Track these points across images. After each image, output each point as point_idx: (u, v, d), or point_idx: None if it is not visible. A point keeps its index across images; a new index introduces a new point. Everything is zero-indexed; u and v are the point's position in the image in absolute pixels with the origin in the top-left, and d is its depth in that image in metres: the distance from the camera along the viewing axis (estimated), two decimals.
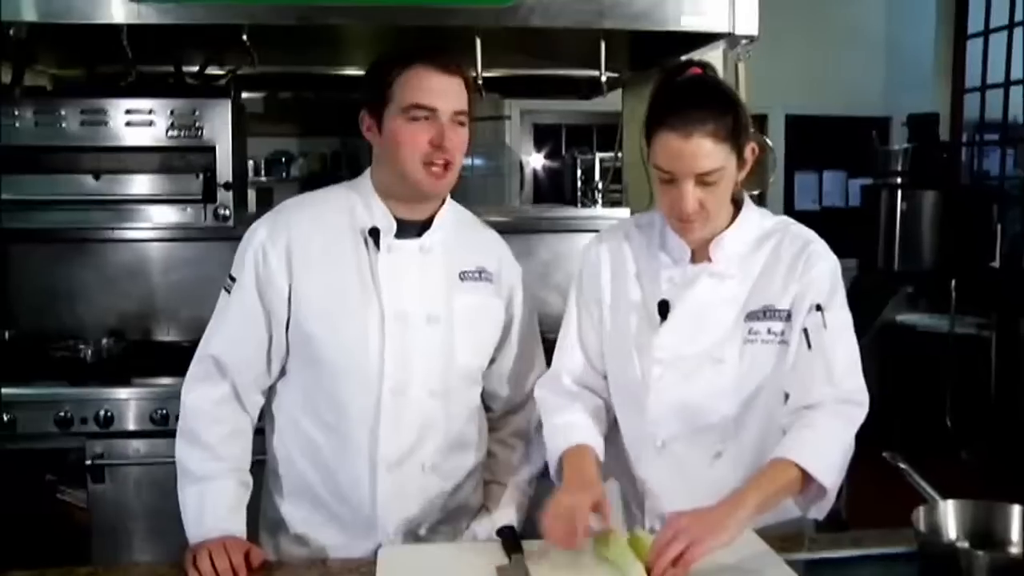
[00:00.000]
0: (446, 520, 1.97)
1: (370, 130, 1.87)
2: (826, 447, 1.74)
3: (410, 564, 1.73)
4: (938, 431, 5.75)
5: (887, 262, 6.42)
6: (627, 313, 1.90)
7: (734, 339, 1.83)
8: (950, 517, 1.75)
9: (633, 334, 1.89)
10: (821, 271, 1.82)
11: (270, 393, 1.93)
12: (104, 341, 3.32)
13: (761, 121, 7.50)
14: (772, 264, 1.85)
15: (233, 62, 3.39)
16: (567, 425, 1.91)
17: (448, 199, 1.96)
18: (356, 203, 1.90)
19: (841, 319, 1.82)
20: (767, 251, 1.86)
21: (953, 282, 5.72)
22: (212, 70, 3.45)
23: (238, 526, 1.80)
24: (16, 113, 3.07)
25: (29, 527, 2.93)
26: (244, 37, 2.90)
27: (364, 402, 1.85)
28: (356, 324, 1.84)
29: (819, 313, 1.80)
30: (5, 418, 2.91)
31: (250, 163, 3.73)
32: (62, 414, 2.92)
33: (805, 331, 1.79)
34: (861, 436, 1.82)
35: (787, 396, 1.83)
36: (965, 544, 1.73)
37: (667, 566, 1.58)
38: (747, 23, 2.94)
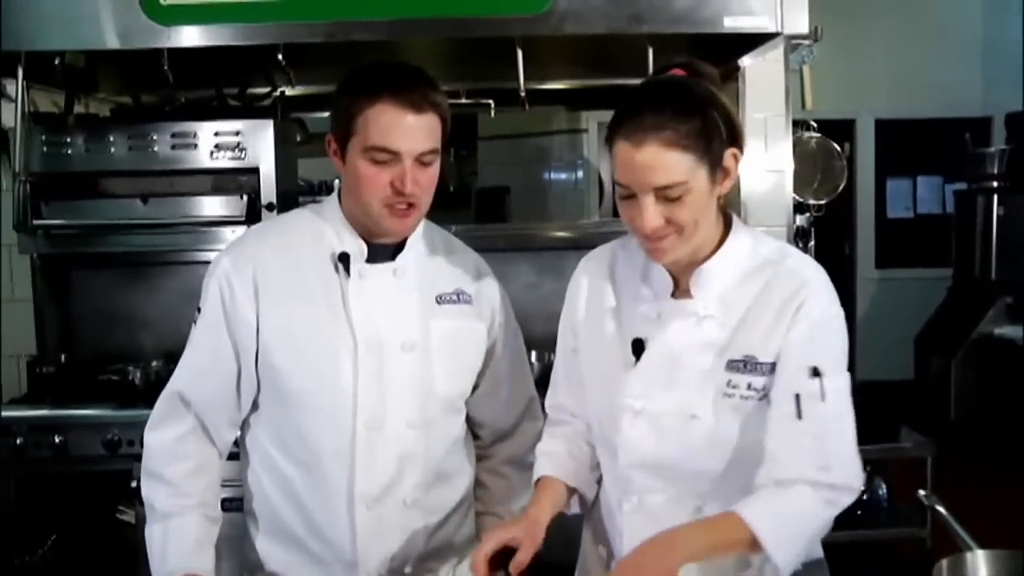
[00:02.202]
0: (433, 556, 1.82)
1: (336, 155, 1.73)
2: (792, 526, 1.50)
3: None
4: None
5: (984, 271, 5.99)
6: (601, 351, 1.70)
7: (709, 391, 1.58)
8: (980, 570, 1.51)
9: (606, 375, 1.68)
10: (817, 323, 1.55)
11: (243, 425, 1.82)
12: (154, 364, 3.31)
13: (848, 127, 7.15)
14: (760, 304, 1.57)
15: (274, 83, 3.35)
16: (541, 454, 1.76)
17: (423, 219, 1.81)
18: (324, 228, 1.77)
19: (841, 389, 1.54)
20: (757, 287, 1.59)
21: None
22: (255, 91, 3.42)
23: (203, 563, 1.69)
24: (68, 140, 3.08)
25: (90, 547, 2.94)
26: (280, 57, 2.86)
27: (337, 437, 1.72)
28: (326, 355, 1.72)
29: (817, 380, 1.52)
30: (56, 440, 2.93)
31: (310, 183, 3.65)
32: (110, 437, 2.92)
33: (797, 398, 1.52)
34: (956, 452, 1.57)
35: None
36: None
37: None
38: (796, 22, 2.72)
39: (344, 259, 1.74)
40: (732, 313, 1.60)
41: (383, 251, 1.77)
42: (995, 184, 6.02)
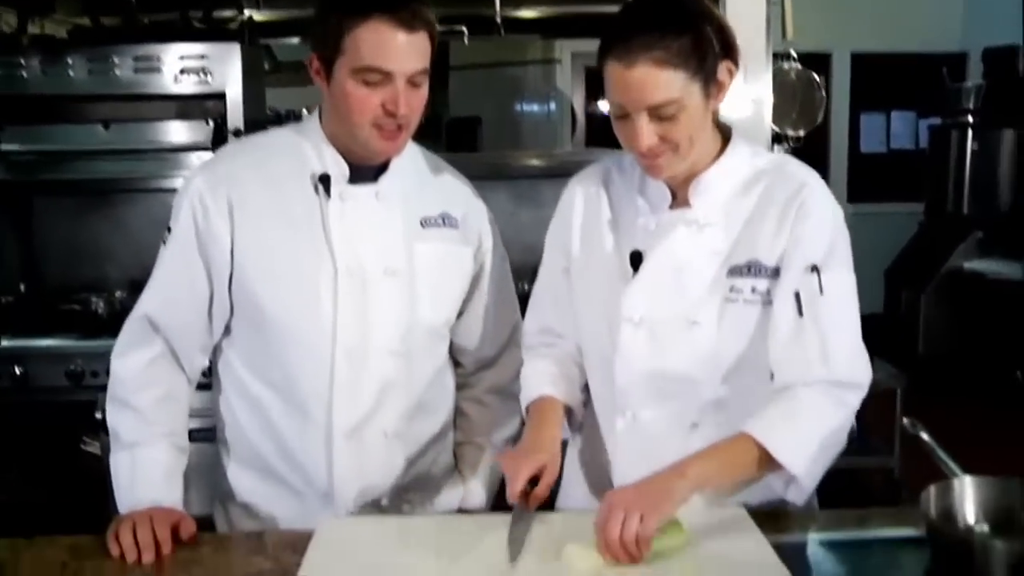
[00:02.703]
0: (411, 488, 1.78)
1: (319, 75, 1.64)
2: (802, 430, 1.47)
3: (350, 539, 1.54)
4: (1008, 383, 5.39)
5: (956, 206, 5.99)
6: (597, 266, 1.66)
7: (713, 298, 1.56)
8: (968, 497, 1.49)
9: (603, 290, 1.65)
10: (818, 222, 1.54)
11: (215, 351, 1.76)
12: (118, 294, 3.23)
13: (824, 61, 7.08)
14: (761, 210, 1.56)
15: (240, 6, 3.23)
16: (533, 374, 1.72)
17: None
18: (304, 147, 1.69)
19: (842, 283, 1.53)
20: (756, 194, 1.57)
21: None
22: (222, 14, 3.29)
23: (171, 495, 1.63)
24: (23, 62, 2.95)
25: (53, 479, 2.89)
26: None
27: (316, 366, 1.67)
28: (306, 281, 1.65)
29: (815, 275, 1.51)
30: (17, 371, 2.86)
31: (278, 113, 3.54)
32: (73, 367, 2.85)
33: (797, 296, 1.51)
34: (924, 386, 1.55)
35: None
36: (984, 527, 1.48)
37: (621, 547, 1.38)
38: None
39: (325, 180, 1.67)
40: (733, 222, 1.58)
41: (366, 172, 1.69)
42: (970, 119, 5.99)
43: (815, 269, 1.51)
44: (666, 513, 1.42)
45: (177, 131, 3.05)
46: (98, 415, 2.82)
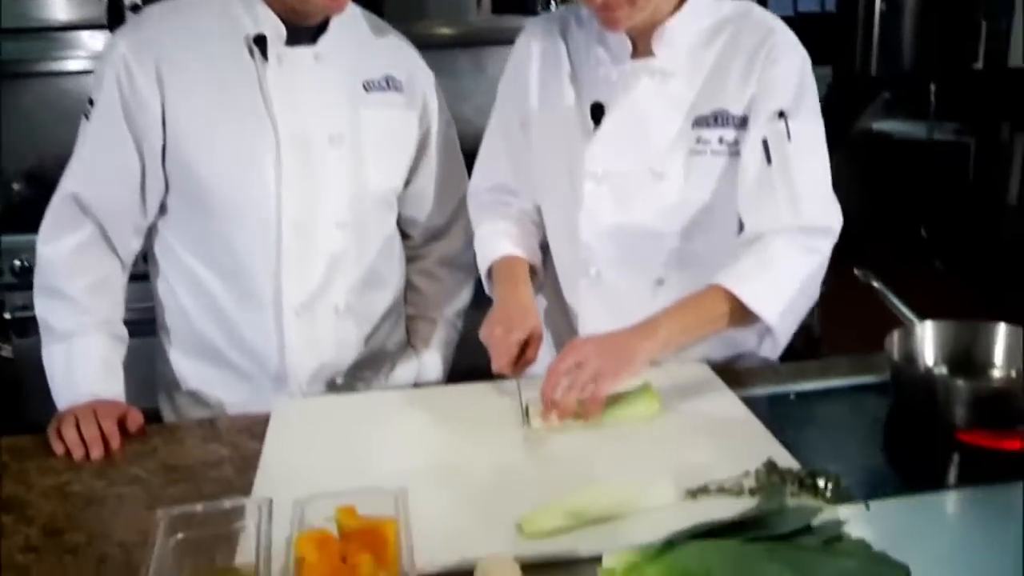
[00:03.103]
0: (365, 365, 1.73)
1: None
2: (774, 278, 1.44)
3: (308, 418, 1.48)
4: (913, 242, 5.56)
5: (864, 67, 6.03)
6: (557, 120, 1.60)
7: (678, 150, 1.52)
8: (927, 341, 1.52)
9: (563, 144, 1.59)
10: (786, 68, 1.48)
11: (151, 232, 1.65)
12: (15, 187, 3.02)
13: None
14: (727, 58, 1.50)
15: None
16: (494, 234, 1.66)
17: None
18: (234, 7, 1.55)
19: (809, 129, 1.49)
20: (721, 43, 1.51)
21: (933, 86, 5.38)
22: None
23: (112, 386, 1.54)
24: None
25: None
26: None
27: (261, 241, 1.58)
28: (246, 150, 1.54)
29: (782, 121, 1.46)
30: None
31: None
32: None
33: (765, 143, 1.47)
34: (837, 245, 1.53)
35: (741, 224, 1.54)
36: (943, 370, 1.50)
37: (572, 403, 1.37)
38: None
39: (260, 42, 1.54)
40: (698, 71, 1.52)
41: (303, 33, 1.56)
42: None
43: (783, 115, 1.47)
44: (626, 375, 1.39)
45: (65, 7, 2.81)
46: (7, 315, 2.69)
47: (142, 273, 1.72)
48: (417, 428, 1.43)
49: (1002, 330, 1.49)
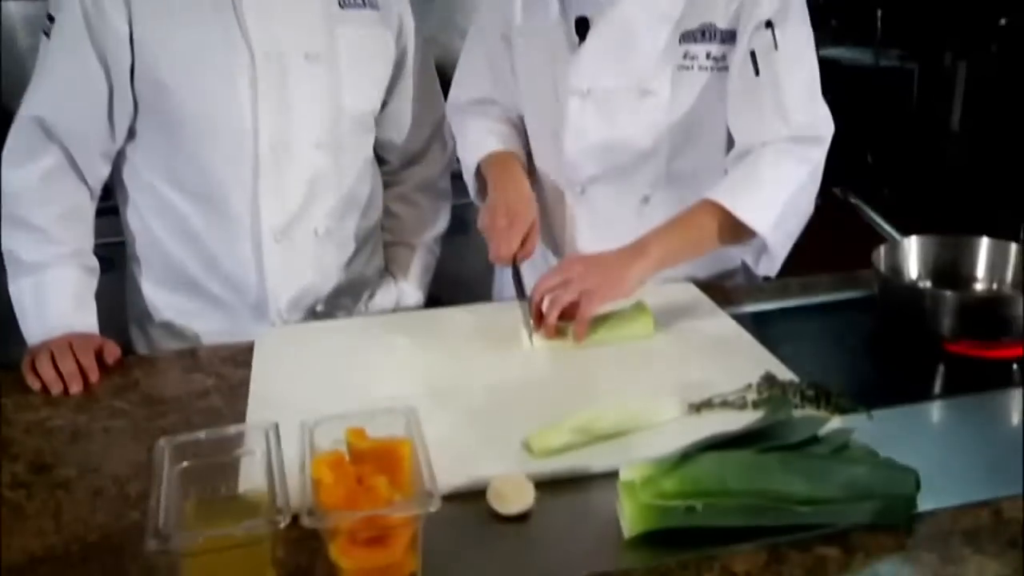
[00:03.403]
0: (345, 291, 1.70)
1: None
2: (767, 190, 1.43)
3: (295, 344, 1.45)
4: (860, 169, 5.63)
5: None
6: (541, 34, 1.56)
7: (665, 65, 1.49)
8: (912, 256, 1.53)
9: (548, 59, 1.55)
10: None
11: (118, 159, 1.58)
12: None
13: None
14: None
15: None
16: (481, 133, 1.63)
17: None
18: None
19: (797, 36, 1.45)
20: None
21: (879, 11, 5.40)
22: None
23: (85, 319, 1.48)
24: None
25: None
26: None
27: (237, 164, 1.52)
28: (219, 69, 1.48)
29: (769, 31, 1.45)
30: None
31: None
32: None
33: (752, 54, 1.45)
34: None
35: (730, 141, 1.52)
36: (928, 284, 1.52)
37: (554, 320, 1.36)
38: None
39: None
40: None
41: None
42: None
43: (769, 25, 1.44)
44: (615, 296, 1.39)
45: None
46: None
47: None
48: (411, 351, 1.41)
49: (985, 244, 1.50)
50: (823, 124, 1.47)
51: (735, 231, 1.43)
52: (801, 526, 0.98)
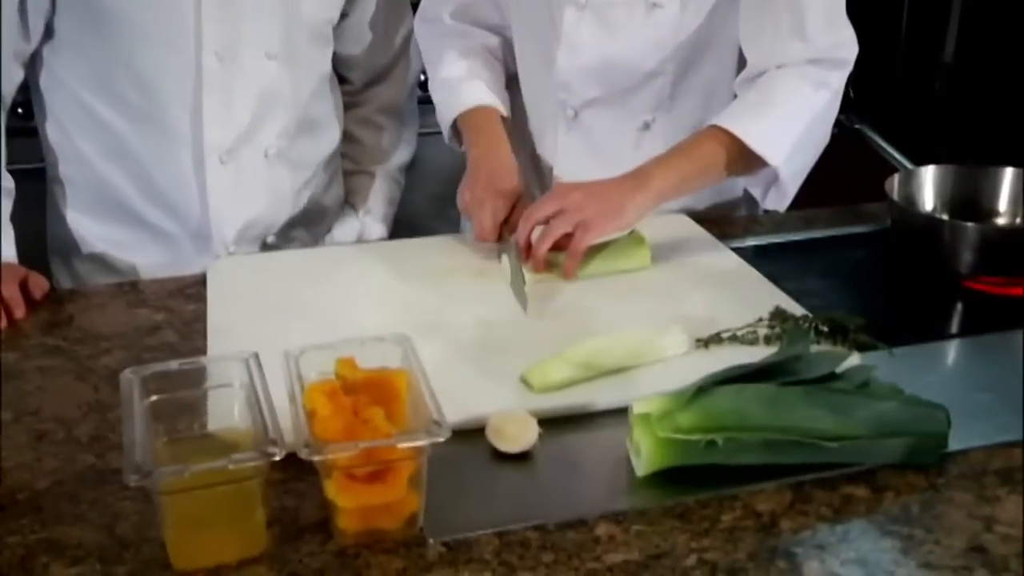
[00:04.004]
0: (300, 222, 1.72)
1: None
2: (778, 115, 1.46)
3: (255, 276, 1.47)
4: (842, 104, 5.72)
5: None
6: None
7: None
8: (928, 186, 1.58)
9: None
10: None
11: (36, 64, 1.56)
12: None
13: None
14: None
15: None
16: (461, 77, 1.63)
17: None
18: None
19: None
20: None
21: None
22: None
23: (3, 247, 1.47)
24: None
25: None
26: None
27: (178, 71, 1.52)
28: None
29: None
30: None
31: None
32: None
33: None
34: None
35: (742, 61, 1.54)
36: (944, 216, 1.58)
37: (544, 253, 1.39)
38: None
39: None
40: None
41: None
42: None
43: None
44: (614, 230, 1.42)
45: None
46: None
47: None
48: (386, 282, 1.44)
49: (1008, 175, 1.56)
50: (847, 46, 1.49)
51: (744, 161, 1.47)
52: (826, 464, 1.03)
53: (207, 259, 1.59)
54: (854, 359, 1.18)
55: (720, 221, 1.66)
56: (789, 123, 1.47)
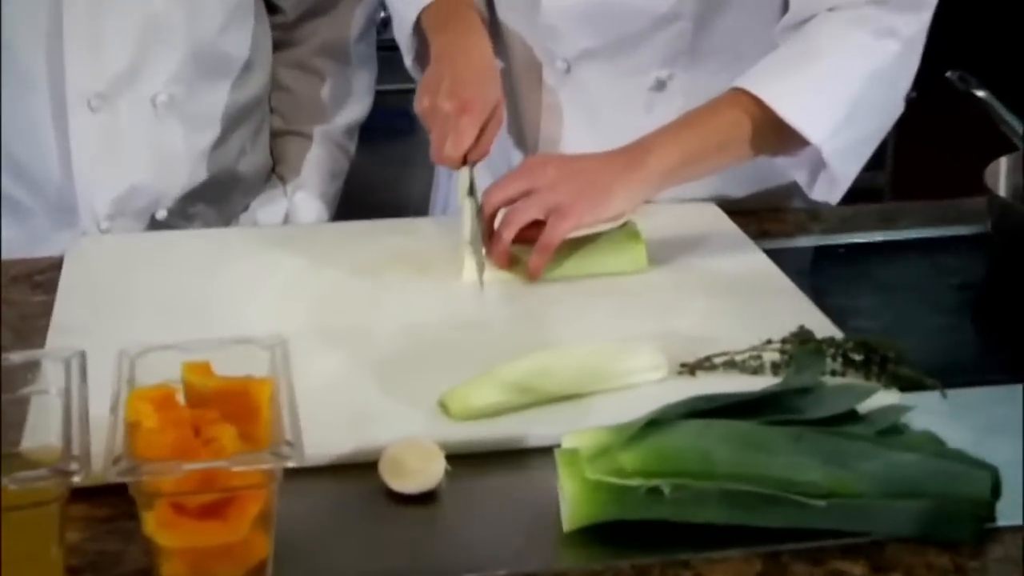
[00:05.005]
0: (201, 196, 1.80)
1: None
2: (819, 72, 1.49)
3: (123, 260, 1.56)
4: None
5: None
6: None
7: None
8: None
9: None
10: None
11: None
12: None
13: None
14: None
15: None
16: None
17: None
18: None
19: None
20: None
21: None
22: None
23: None
24: None
25: None
26: None
27: None
28: None
29: None
30: None
31: None
32: None
33: None
34: None
35: (785, 3, 1.59)
36: None
37: (507, 244, 1.47)
38: None
39: None
40: None
41: None
42: None
43: None
44: (596, 220, 1.49)
45: None
46: None
47: None
48: (298, 275, 1.55)
49: None
50: None
51: (777, 136, 1.51)
52: (813, 531, 1.06)
53: (72, 237, 1.68)
54: (889, 397, 1.23)
55: (763, 215, 1.73)
56: (837, 85, 1.50)
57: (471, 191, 1.56)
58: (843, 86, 1.51)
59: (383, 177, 2.14)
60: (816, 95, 1.50)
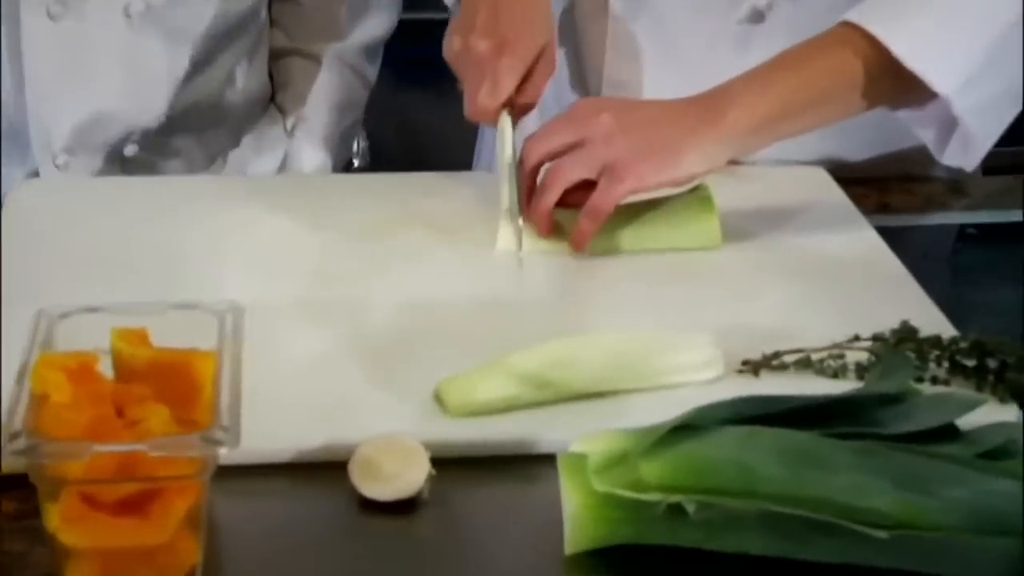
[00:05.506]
0: (184, 128, 1.88)
1: None
2: (954, 9, 1.51)
3: (72, 208, 1.63)
4: None
5: None
6: None
7: None
8: None
9: None
10: None
11: None
12: None
13: None
14: None
15: None
16: None
17: None
18: None
19: None
20: None
21: None
22: None
23: None
24: None
25: None
26: None
27: None
28: None
29: None
30: None
31: None
32: None
33: None
34: None
35: None
36: None
37: (549, 206, 1.52)
38: None
39: None
40: None
41: None
42: None
43: None
44: (661, 184, 1.53)
45: None
46: None
47: None
48: (291, 236, 1.60)
49: None
50: None
51: (898, 85, 1.53)
52: (874, 570, 1.08)
53: (22, 176, 1.77)
54: (1004, 413, 1.25)
55: (887, 184, 1.77)
56: (974, 25, 1.52)
57: (513, 149, 1.59)
58: (982, 26, 1.52)
59: (417, 125, 2.15)
60: (947, 35, 1.51)
